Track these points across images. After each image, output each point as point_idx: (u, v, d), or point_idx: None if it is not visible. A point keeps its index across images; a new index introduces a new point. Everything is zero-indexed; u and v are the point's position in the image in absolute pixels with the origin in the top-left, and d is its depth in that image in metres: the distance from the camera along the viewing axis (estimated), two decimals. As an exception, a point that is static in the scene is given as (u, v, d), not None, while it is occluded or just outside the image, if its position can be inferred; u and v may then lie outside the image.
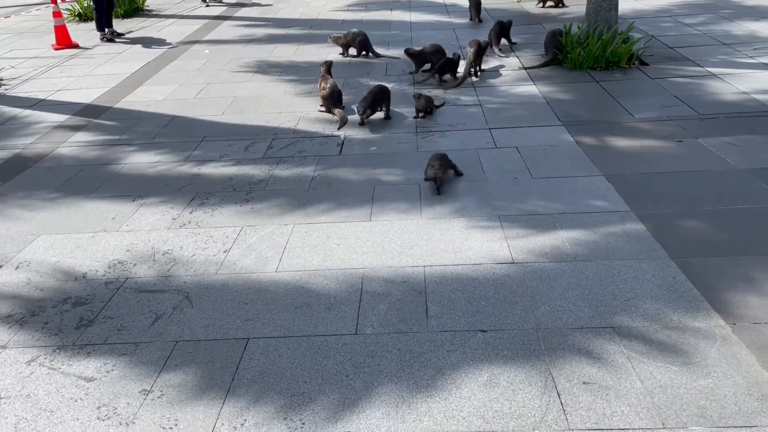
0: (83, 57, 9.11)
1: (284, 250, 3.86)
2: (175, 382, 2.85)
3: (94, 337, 3.19)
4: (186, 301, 3.43)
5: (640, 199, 4.17)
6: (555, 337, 2.97)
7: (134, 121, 6.33)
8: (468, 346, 2.94)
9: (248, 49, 9.03)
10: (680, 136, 5.14)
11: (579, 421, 2.49)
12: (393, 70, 7.54)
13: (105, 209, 4.54)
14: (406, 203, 4.34)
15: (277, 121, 6.08)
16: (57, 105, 7.00)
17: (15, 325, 3.33)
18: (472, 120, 5.81)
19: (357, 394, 2.71)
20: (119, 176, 5.10)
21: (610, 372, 2.73)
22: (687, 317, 3.04)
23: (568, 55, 7.13)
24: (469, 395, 2.66)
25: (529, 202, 4.24)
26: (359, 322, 3.16)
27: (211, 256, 3.85)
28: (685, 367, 2.73)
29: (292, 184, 4.77)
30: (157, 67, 8.30)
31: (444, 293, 3.34)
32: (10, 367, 3.01)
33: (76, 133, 6.12)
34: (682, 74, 6.67)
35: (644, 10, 9.72)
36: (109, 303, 3.46)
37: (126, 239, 4.11)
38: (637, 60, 7.09)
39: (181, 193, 4.72)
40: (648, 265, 3.46)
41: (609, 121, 5.59)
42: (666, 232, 3.78)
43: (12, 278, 3.76)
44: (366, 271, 3.59)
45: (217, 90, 7.19)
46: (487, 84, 6.81)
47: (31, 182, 5.09)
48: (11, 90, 7.66)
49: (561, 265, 3.51)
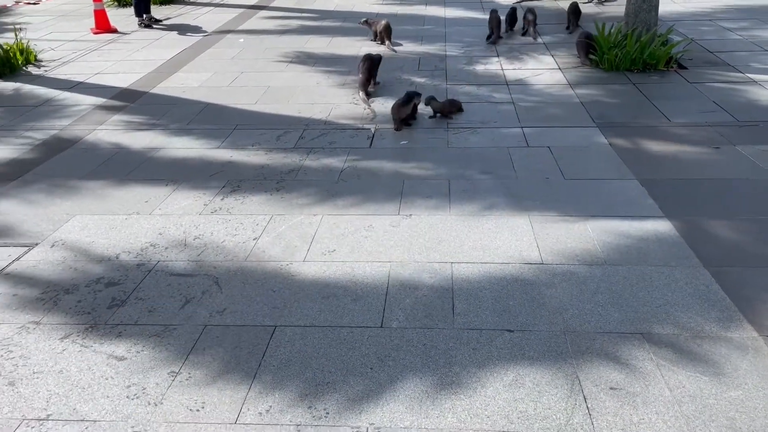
0: (121, 42, 9.25)
1: (312, 240, 3.88)
2: (203, 365, 2.89)
3: (126, 318, 3.25)
4: (215, 286, 3.48)
5: (674, 205, 4.11)
6: (583, 340, 2.94)
7: (169, 107, 6.41)
8: (494, 345, 2.93)
9: (283, 39, 9.08)
10: (717, 143, 5.04)
11: (605, 427, 2.47)
12: (426, 64, 7.52)
13: (138, 192, 4.61)
14: (435, 198, 4.33)
15: (309, 112, 6.11)
16: (94, 88, 7.12)
17: (49, 302, 3.40)
18: (505, 118, 5.77)
19: (381, 386, 2.72)
20: (153, 160, 5.18)
21: (638, 379, 2.70)
22: (719, 327, 2.99)
23: (604, 56, 7.03)
24: (494, 394, 2.65)
25: (560, 203, 4.20)
26: (385, 315, 3.17)
27: (241, 242, 3.90)
28: (716, 377, 2.69)
29: (322, 174, 4.79)
30: (193, 54, 8.39)
31: (471, 291, 3.33)
32: (43, 343, 3.08)
33: (113, 116, 6.22)
34: (721, 79, 6.53)
35: (684, 13, 9.53)
36: (141, 285, 3.52)
37: (158, 223, 4.18)
38: (675, 63, 6.96)
39: (213, 179, 4.78)
40: (680, 272, 3.41)
41: (644, 124, 5.50)
42: (700, 239, 3.71)
43: (47, 256, 3.84)
44: (393, 265, 3.59)
45: (251, 79, 7.25)
46: (522, 82, 6.76)
47: (67, 163, 5.19)
48: (50, 72, 7.81)
49: (591, 269, 3.48)
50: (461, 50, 8.12)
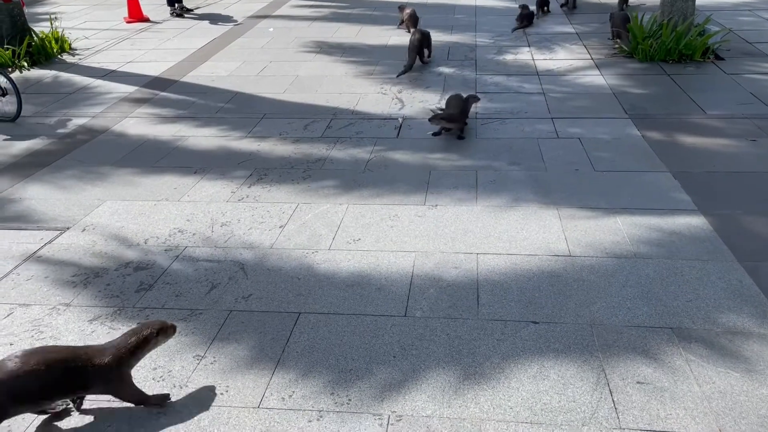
0: (153, 31, 9.35)
1: (338, 229, 3.88)
2: (228, 349, 2.92)
3: (153, 301, 3.30)
4: (241, 272, 3.51)
5: (708, 198, 4.00)
6: (610, 334, 2.89)
7: (199, 96, 6.47)
8: (518, 337, 2.90)
9: (311, 28, 9.08)
10: (754, 135, 4.89)
11: (631, 421, 2.42)
12: (455, 54, 7.45)
13: (167, 179, 4.67)
14: (461, 190, 4.29)
15: (336, 102, 6.10)
16: (126, 76, 7.22)
17: (80, 285, 3.47)
18: (535, 108, 5.69)
19: (404, 375, 2.71)
20: (182, 148, 5.23)
21: (666, 373, 2.64)
22: (752, 323, 2.91)
23: (638, 46, 6.87)
24: (518, 386, 2.62)
25: (589, 195, 4.12)
26: (409, 305, 3.16)
27: (267, 230, 3.92)
28: (747, 374, 2.62)
29: (349, 164, 4.78)
30: (223, 44, 8.44)
31: (496, 282, 3.30)
32: (73, 324, 3.14)
33: (144, 104, 6.30)
34: (759, 71, 6.33)
35: (722, 3, 9.26)
36: (168, 269, 3.57)
37: (186, 209, 4.22)
38: (712, 54, 6.77)
39: (241, 167, 4.81)
40: (713, 266, 3.32)
41: (679, 115, 5.37)
42: (734, 233, 3.61)
43: (78, 240, 3.92)
44: (418, 255, 3.57)
45: (279, 68, 7.27)
46: (552, 72, 6.65)
47: (99, 150, 5.28)
48: (84, 60, 7.94)
49: (620, 261, 3.41)
50: (491, 39, 8.02)
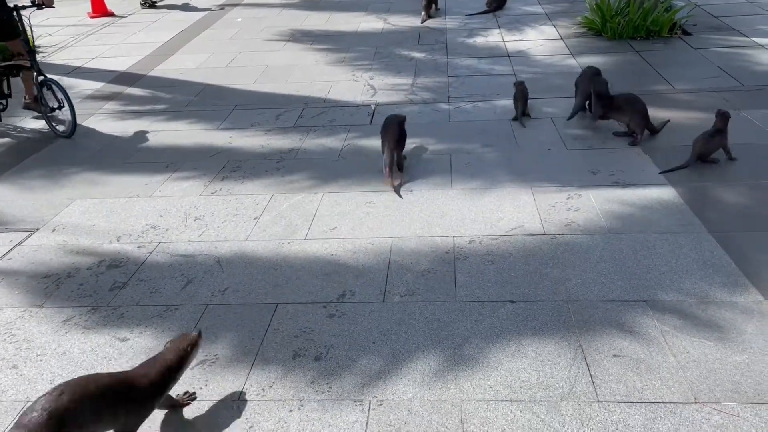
0: (118, 25, 9.18)
1: (314, 218, 3.86)
2: (206, 343, 2.89)
3: (128, 299, 3.25)
4: (217, 265, 3.47)
5: (678, 171, 4.05)
6: (586, 309, 2.92)
7: (168, 89, 6.36)
8: (496, 317, 2.92)
9: (281, 16, 8.98)
10: (722, 108, 4.94)
11: (608, 393, 2.45)
12: (426, 38, 7.42)
13: (138, 175, 4.59)
14: (436, 174, 4.29)
15: (308, 90, 6.05)
16: (92, 73, 7.08)
17: (51, 285, 3.41)
18: (506, 90, 5.69)
19: (384, 360, 2.71)
20: (152, 143, 5.15)
21: (642, 345, 2.68)
22: (724, 292, 2.96)
23: (607, 24, 6.91)
24: (496, 365, 2.64)
25: (562, 174, 4.15)
26: (387, 290, 3.16)
27: (242, 222, 3.88)
28: (721, 342, 2.67)
29: (323, 152, 4.75)
30: (190, 36, 8.31)
31: (473, 263, 3.31)
32: (46, 325, 3.09)
33: (111, 100, 6.19)
34: (726, 44, 6.41)
35: (689, -22, 9.33)
36: (142, 266, 3.52)
37: (159, 205, 4.16)
38: (679, 29, 6.84)
39: (213, 160, 4.75)
40: (685, 238, 3.37)
41: (648, 91, 5.41)
42: (705, 205, 3.67)
43: (49, 241, 3.84)
44: (394, 240, 3.57)
45: (249, 58, 7.18)
46: (523, 54, 6.66)
47: (67, 148, 5.17)
48: (48, 57, 7.77)
49: (594, 238, 3.44)
50: (461, 22, 8.01)
